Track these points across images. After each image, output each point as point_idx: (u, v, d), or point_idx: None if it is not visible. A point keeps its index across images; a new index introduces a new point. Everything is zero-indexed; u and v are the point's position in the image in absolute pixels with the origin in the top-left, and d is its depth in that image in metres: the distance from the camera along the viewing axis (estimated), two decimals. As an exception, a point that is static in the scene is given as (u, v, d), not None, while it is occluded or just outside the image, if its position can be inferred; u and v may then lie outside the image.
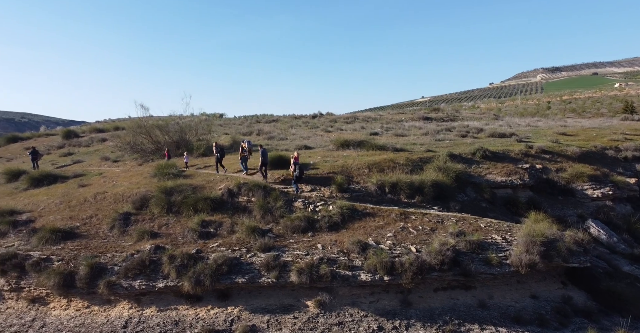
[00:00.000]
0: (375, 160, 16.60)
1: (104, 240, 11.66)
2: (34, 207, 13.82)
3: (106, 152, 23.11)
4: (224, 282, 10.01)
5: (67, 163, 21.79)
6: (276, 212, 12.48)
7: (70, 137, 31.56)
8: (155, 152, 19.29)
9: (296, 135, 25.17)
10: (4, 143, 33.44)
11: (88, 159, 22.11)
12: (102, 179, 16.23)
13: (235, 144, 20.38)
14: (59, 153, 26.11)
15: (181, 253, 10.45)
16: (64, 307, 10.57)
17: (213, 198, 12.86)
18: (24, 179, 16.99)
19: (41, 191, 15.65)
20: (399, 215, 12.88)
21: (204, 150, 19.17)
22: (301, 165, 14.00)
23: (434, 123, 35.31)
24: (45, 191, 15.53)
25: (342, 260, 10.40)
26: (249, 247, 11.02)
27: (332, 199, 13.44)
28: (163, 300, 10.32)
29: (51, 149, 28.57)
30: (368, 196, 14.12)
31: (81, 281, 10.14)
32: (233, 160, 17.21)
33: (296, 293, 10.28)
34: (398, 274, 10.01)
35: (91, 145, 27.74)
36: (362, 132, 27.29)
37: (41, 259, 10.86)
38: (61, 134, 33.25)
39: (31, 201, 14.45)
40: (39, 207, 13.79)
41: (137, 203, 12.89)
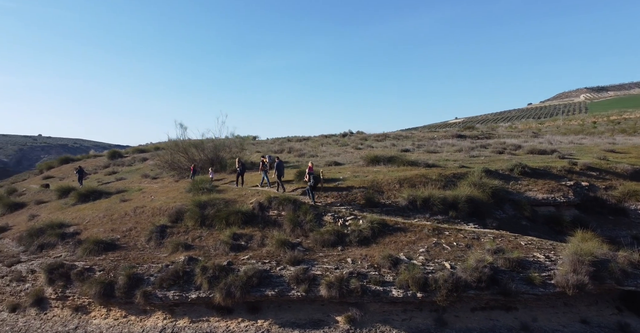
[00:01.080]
0: (406, 176, 16.34)
1: (141, 251, 12.13)
2: (80, 221, 14.72)
3: (146, 170, 24.42)
4: (254, 294, 10.03)
5: (111, 180, 23.18)
6: (306, 225, 12.50)
7: (115, 157, 33.66)
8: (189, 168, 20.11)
9: (326, 152, 25.40)
10: (57, 164, 36.18)
11: (130, 177, 23.42)
12: (142, 194, 17.09)
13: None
14: (104, 172, 27.87)
15: (213, 265, 10.65)
16: (104, 316, 10.97)
17: (244, 212, 13.12)
18: (73, 195, 18.22)
19: (87, 206, 16.69)
20: (431, 230, 12.47)
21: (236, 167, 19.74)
22: (317, 175, 14.23)
23: (468, 140, 34.35)
24: (91, 206, 16.54)
25: (373, 275, 10.14)
26: (278, 260, 11.04)
27: (362, 213, 13.29)
28: (195, 312, 10.46)
29: (98, 168, 30.57)
30: (399, 211, 13.83)
31: (120, 290, 10.53)
32: (257, 176, 17.60)
33: (326, 308, 10.08)
34: (432, 291, 9.59)
35: (133, 165, 29.42)
36: (393, 149, 27.08)
37: (85, 269, 11.43)
38: (107, 155, 35.60)
39: (78, 215, 15.41)
40: (84, 220, 14.67)
41: (173, 217, 13.40)
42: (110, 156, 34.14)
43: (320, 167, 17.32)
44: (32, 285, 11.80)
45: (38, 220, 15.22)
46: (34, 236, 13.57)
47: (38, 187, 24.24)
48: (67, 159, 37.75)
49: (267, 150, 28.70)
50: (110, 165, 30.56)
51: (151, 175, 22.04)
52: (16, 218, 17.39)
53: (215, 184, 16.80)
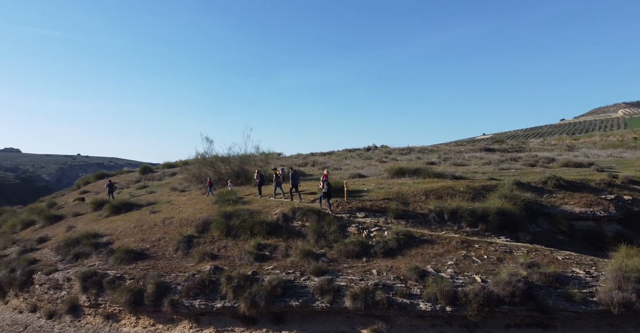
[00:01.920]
0: (432, 187, 16.00)
1: (169, 260, 12.41)
2: (113, 231, 15.31)
3: (175, 184, 25.24)
4: (278, 304, 9.96)
5: (142, 194, 24.09)
6: (330, 236, 12.41)
7: (146, 172, 35.12)
8: (217, 182, 20.64)
9: (350, 165, 25.36)
10: (93, 180, 38.14)
11: (159, 190, 24.27)
12: (170, 206, 17.61)
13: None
14: (136, 186, 29.06)
15: (238, 274, 10.71)
16: (133, 325, 11.19)
17: (269, 223, 13.22)
18: (106, 208, 19.07)
19: (119, 217, 17.37)
20: (460, 243, 12.05)
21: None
22: (330, 183, 14.46)
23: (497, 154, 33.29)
24: (123, 217, 17.19)
25: (399, 287, 9.84)
26: (302, 270, 10.96)
27: (387, 225, 13.06)
28: (221, 321, 10.49)
29: (130, 183, 31.93)
30: (425, 223, 13.49)
31: (148, 298, 10.75)
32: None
33: (351, 321, 9.83)
34: (462, 305, 9.17)
35: (163, 179, 30.52)
36: (418, 162, 26.67)
37: (116, 277, 11.80)
38: (139, 170, 37.20)
39: (111, 226, 16.04)
40: (117, 230, 15.25)
41: (200, 227, 13.69)
42: (142, 171, 35.64)
43: (344, 179, 17.27)
44: (67, 293, 12.27)
45: (74, 231, 15.96)
46: (70, 246, 14.21)
47: (75, 200, 25.53)
48: (102, 174, 39.75)
49: (291, 163, 28.99)
50: (142, 179, 31.85)
51: (179, 188, 22.74)
52: (55, 230, 18.31)
53: (240, 196, 17.09)
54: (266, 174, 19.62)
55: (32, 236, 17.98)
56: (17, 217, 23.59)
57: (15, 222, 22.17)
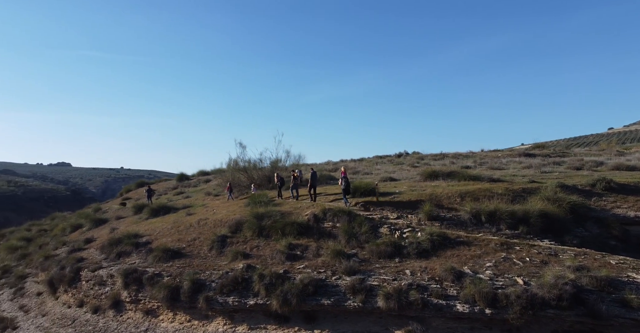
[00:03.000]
0: (468, 190, 15.42)
1: (204, 259, 12.74)
2: (151, 232, 15.99)
3: (209, 189, 26.08)
4: (309, 303, 9.89)
5: (179, 199, 25.07)
6: (361, 237, 12.24)
7: (182, 180, 36.65)
8: (249, 186, 21.08)
9: (381, 170, 25.06)
10: (134, 187, 40.38)
11: (195, 195, 25.16)
12: (205, 209, 18.18)
13: (322, 178, 21.18)
14: (173, 192, 30.33)
15: (270, 272, 10.79)
16: (170, 320, 11.52)
17: (300, 223, 13.28)
18: (146, 211, 20.03)
19: (157, 219, 18.14)
20: (499, 245, 11.46)
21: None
22: (348, 180, 15.02)
23: (538, 158, 31.57)
24: (161, 219, 17.94)
25: (434, 287, 9.48)
26: (334, 269, 10.85)
27: (420, 226, 12.70)
28: (253, 319, 10.56)
29: (168, 190, 33.37)
30: (460, 224, 12.99)
31: (184, 295, 11.06)
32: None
33: (384, 321, 9.56)
34: (502, 307, 8.66)
35: (198, 186, 31.64)
36: (452, 166, 25.86)
37: (154, 274, 12.26)
38: (176, 178, 38.92)
39: (150, 227, 16.78)
40: (155, 231, 15.91)
41: (233, 228, 13.99)
42: (179, 179, 37.24)
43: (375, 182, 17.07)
44: (110, 289, 12.89)
45: (117, 232, 16.82)
46: (113, 245, 14.99)
47: (117, 205, 27.00)
48: (142, 182, 41.95)
49: (321, 169, 29.09)
50: (179, 186, 33.20)
51: (213, 193, 23.45)
52: (100, 232, 19.41)
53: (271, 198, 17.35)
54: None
55: (79, 237, 19.16)
56: (67, 221, 25.28)
57: (65, 225, 23.77)
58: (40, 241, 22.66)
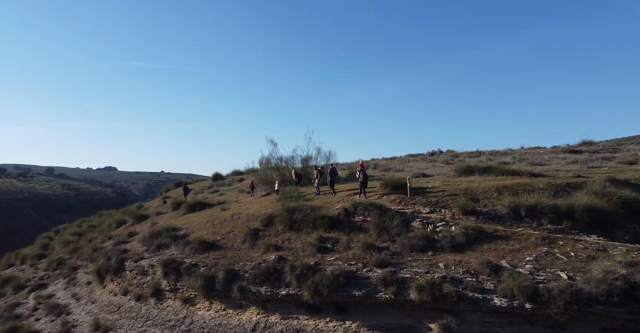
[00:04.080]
0: (506, 184, 14.75)
1: (237, 251, 13.10)
2: (188, 226, 16.67)
3: (243, 187, 26.77)
4: (340, 294, 9.88)
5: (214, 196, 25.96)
6: (392, 230, 12.06)
7: (217, 179, 37.98)
8: (281, 183, 21.40)
9: (413, 167, 24.53)
10: (173, 187, 42.52)
11: (229, 193, 25.94)
12: (238, 204, 18.69)
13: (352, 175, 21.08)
14: (208, 191, 31.41)
15: (301, 263, 10.91)
16: (207, 309, 11.95)
17: (330, 217, 13.31)
18: (184, 207, 20.93)
19: (194, 214, 18.89)
20: (540, 239, 10.87)
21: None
22: (366, 173, 15.41)
23: (585, 155, 29.51)
24: (197, 214, 18.66)
25: (469, 281, 9.15)
26: (365, 262, 10.77)
27: (454, 220, 12.31)
28: (286, 309, 10.71)
29: (204, 189, 34.63)
30: (497, 219, 12.43)
31: (219, 284, 11.43)
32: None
33: (417, 314, 9.35)
34: (544, 302, 8.20)
35: (232, 184, 32.56)
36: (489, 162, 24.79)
37: (191, 265, 12.77)
38: (211, 178, 40.39)
39: (187, 221, 17.50)
40: (192, 225, 16.57)
41: (265, 221, 14.27)
42: (214, 178, 38.63)
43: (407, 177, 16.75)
44: (151, 278, 13.57)
45: (157, 226, 17.67)
46: (153, 238, 15.78)
47: (158, 203, 28.40)
48: (180, 182, 43.98)
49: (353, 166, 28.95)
50: (214, 185, 34.36)
51: (246, 190, 24.05)
52: (142, 226, 20.50)
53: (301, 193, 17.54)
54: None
55: (124, 232, 20.35)
56: (113, 218, 26.98)
57: (111, 221, 25.40)
58: (90, 236, 24.31)
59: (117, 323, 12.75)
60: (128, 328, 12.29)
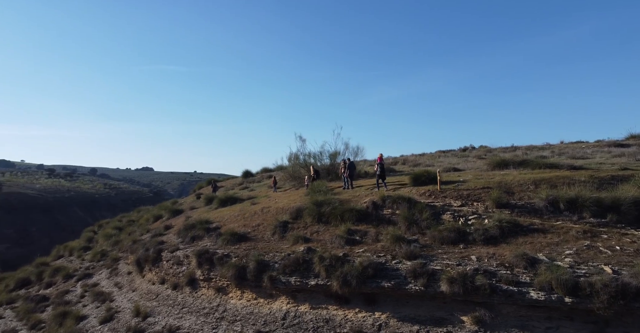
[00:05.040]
0: (544, 177, 14.10)
1: (267, 242, 13.38)
2: (220, 219, 17.21)
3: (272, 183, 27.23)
4: (370, 285, 9.85)
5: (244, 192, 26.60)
6: (422, 223, 11.87)
7: (247, 176, 38.88)
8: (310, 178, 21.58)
9: (444, 162, 23.93)
10: (206, 185, 44.00)
11: (258, 189, 26.48)
12: (267, 199, 19.06)
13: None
14: (239, 187, 32.22)
15: (330, 255, 10.97)
16: (239, 298, 12.30)
17: (358, 210, 13.28)
18: (215, 201, 21.64)
19: (225, 208, 19.47)
20: (581, 232, 10.31)
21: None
22: (384, 166, 15.81)
23: (633, 148, 27.50)
24: (228, 209, 19.22)
25: (504, 273, 8.84)
26: (394, 254, 10.68)
27: (487, 213, 11.92)
28: (315, 299, 10.83)
29: (234, 186, 35.55)
30: (534, 212, 11.90)
31: (250, 273, 11.73)
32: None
33: (448, 307, 9.16)
34: (585, 296, 7.79)
35: (262, 181, 33.19)
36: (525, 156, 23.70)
37: (223, 255, 13.18)
38: (241, 175, 41.43)
39: (219, 215, 18.07)
40: (223, 218, 17.09)
41: (293, 214, 14.47)
42: (244, 176, 39.55)
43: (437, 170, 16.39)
44: (186, 268, 14.14)
45: (191, 220, 18.36)
46: (188, 230, 16.42)
47: (191, 199, 29.50)
48: (212, 180, 45.55)
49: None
50: (244, 182, 35.18)
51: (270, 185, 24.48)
52: (177, 220, 21.37)
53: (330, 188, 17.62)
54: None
55: (160, 225, 21.31)
56: (150, 213, 28.28)
57: (149, 216, 26.66)
58: (129, 230, 25.65)
59: (155, 310, 13.40)
60: (166, 315, 12.88)
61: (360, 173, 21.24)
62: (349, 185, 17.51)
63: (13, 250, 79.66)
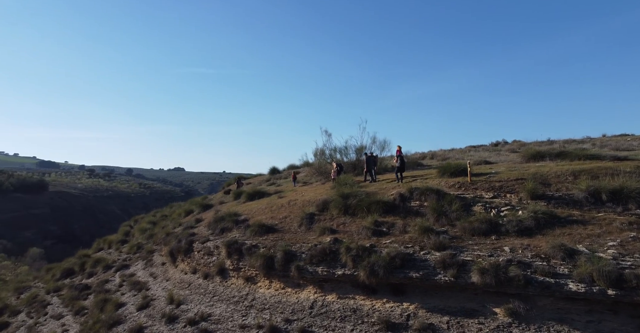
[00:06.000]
0: (584, 168, 13.35)
1: (294, 234, 13.50)
2: (248, 212, 17.55)
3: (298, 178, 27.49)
4: (397, 275, 9.72)
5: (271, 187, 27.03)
6: (451, 214, 11.55)
7: (274, 173, 39.47)
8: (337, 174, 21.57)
9: (474, 156, 23.16)
10: (233, 182, 45.05)
11: (285, 184, 26.79)
12: (294, 193, 19.24)
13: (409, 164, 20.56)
14: (266, 184, 32.74)
15: (356, 245, 10.92)
16: (267, 287, 12.51)
17: (385, 202, 13.13)
18: (244, 196, 22.12)
19: (253, 202, 19.84)
20: (627, 224, 9.68)
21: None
22: (404, 158, 16.01)
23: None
24: (256, 202, 19.57)
25: (539, 265, 8.45)
26: (422, 245, 10.47)
27: (521, 205, 11.43)
28: (342, 289, 10.82)
29: (262, 182, 36.17)
30: (573, 204, 11.28)
31: (278, 263, 11.88)
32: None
33: (480, 298, 8.87)
34: (631, 289, 7.29)
35: (288, 177, 33.54)
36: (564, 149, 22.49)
37: (252, 246, 13.44)
38: (268, 172, 42.19)
39: (247, 208, 18.44)
40: (251, 211, 17.42)
41: (320, 206, 14.51)
42: (271, 172, 40.19)
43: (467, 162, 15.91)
44: (217, 258, 14.54)
45: (220, 213, 18.85)
46: (217, 222, 16.87)
47: (220, 195, 30.30)
48: (240, 177, 46.59)
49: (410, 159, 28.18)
50: (271, 179, 35.74)
51: (302, 181, 24.62)
52: (207, 214, 22.01)
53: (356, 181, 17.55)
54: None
55: (191, 219, 22.03)
56: (182, 208, 29.32)
57: (180, 211, 27.64)
58: (162, 224, 26.70)
59: (188, 298, 13.87)
60: (198, 303, 13.31)
61: (386, 167, 21.04)
62: (373, 178, 17.61)
63: (58, 246, 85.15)
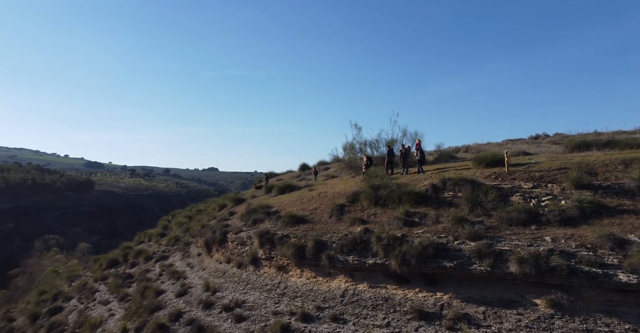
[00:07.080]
0: (636, 157, 12.44)
1: (325, 224, 13.57)
2: (279, 204, 17.85)
3: (328, 173, 27.55)
4: (430, 265, 9.52)
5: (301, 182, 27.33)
6: (487, 205, 11.14)
7: (304, 169, 39.88)
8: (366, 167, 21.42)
9: (512, 148, 22.15)
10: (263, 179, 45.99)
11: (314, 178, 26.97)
12: (324, 186, 19.32)
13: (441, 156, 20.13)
14: (296, 179, 33.12)
15: (388, 235, 10.80)
16: (299, 276, 12.68)
17: (417, 193, 12.88)
18: (275, 189, 22.53)
19: (285, 195, 20.14)
20: (685, 214, 8.89)
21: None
22: (423, 151, 16.34)
23: None
24: (287, 195, 19.86)
25: (585, 254, 7.97)
26: (456, 235, 10.19)
27: (564, 194, 10.82)
28: (373, 278, 10.76)
29: (292, 178, 36.65)
30: (623, 193, 10.54)
31: (309, 252, 12.00)
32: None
33: (519, 289, 8.50)
34: (691, 280, 6.70)
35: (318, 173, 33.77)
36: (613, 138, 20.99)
37: (283, 236, 13.66)
38: (298, 168, 42.67)
39: (278, 201, 18.76)
40: (283, 203, 17.70)
41: (350, 198, 14.48)
42: (301, 169, 40.62)
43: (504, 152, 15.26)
44: (250, 248, 14.91)
45: (252, 205, 19.30)
46: (250, 214, 17.28)
47: (252, 190, 31.02)
48: (271, 174, 47.45)
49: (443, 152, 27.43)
50: (301, 175, 36.11)
51: (331, 175, 24.67)
52: (239, 207, 22.62)
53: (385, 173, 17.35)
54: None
55: (225, 212, 22.73)
56: (216, 203, 30.34)
57: (214, 205, 28.61)
58: (198, 218, 27.73)
59: (223, 286, 14.34)
60: (232, 290, 13.73)
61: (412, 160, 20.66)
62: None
63: (104, 242, 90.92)
